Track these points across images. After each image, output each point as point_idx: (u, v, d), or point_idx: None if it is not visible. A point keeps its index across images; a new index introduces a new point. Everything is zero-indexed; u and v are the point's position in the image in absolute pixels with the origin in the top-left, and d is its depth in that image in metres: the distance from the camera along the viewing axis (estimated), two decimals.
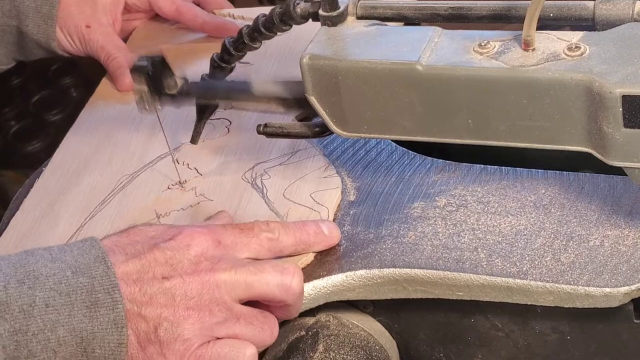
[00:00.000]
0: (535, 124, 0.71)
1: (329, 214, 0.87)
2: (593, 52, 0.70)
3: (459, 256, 0.80)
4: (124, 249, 0.76)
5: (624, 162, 0.70)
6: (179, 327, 0.74)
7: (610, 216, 0.80)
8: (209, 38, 1.17)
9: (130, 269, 0.74)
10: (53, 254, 0.74)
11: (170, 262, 0.75)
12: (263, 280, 0.76)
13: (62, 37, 1.15)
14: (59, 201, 0.97)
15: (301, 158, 0.94)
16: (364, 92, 0.75)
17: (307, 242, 0.82)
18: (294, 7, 0.79)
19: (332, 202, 0.88)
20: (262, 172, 0.94)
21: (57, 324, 0.70)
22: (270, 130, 0.86)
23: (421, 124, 0.76)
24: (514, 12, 0.75)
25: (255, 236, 0.80)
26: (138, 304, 0.73)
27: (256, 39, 0.84)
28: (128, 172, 0.99)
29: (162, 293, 0.74)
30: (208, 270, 0.76)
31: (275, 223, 0.82)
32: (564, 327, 0.81)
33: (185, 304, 0.74)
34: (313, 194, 0.89)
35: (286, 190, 0.91)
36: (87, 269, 0.72)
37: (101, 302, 0.72)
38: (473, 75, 0.71)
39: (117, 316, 0.72)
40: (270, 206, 0.89)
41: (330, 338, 0.83)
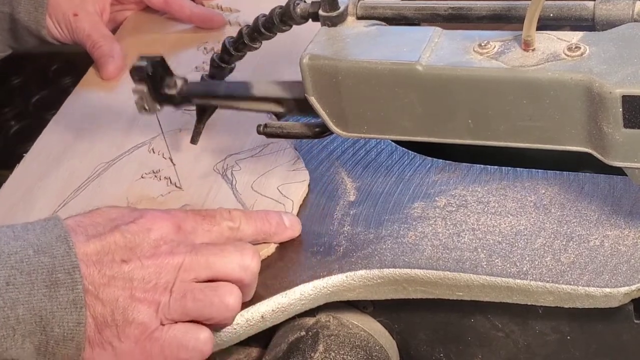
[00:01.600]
0: (535, 124, 0.71)
1: (293, 207, 0.88)
2: (593, 52, 0.69)
3: (459, 256, 0.80)
4: (85, 230, 0.76)
5: (624, 162, 0.70)
6: (135, 311, 0.74)
7: (610, 216, 0.80)
8: (196, 29, 1.19)
9: (91, 250, 0.75)
10: (16, 232, 0.74)
11: (130, 246, 0.76)
12: (225, 259, 0.77)
13: (51, 25, 1.16)
14: (37, 187, 0.98)
15: (272, 150, 0.95)
16: (364, 92, 0.75)
17: (268, 232, 0.83)
18: (294, 7, 0.79)
19: (297, 195, 0.89)
20: (234, 163, 0.95)
21: (16, 302, 0.71)
22: (270, 131, 0.86)
23: (421, 124, 0.76)
24: (514, 12, 0.75)
25: (216, 224, 0.81)
26: (96, 286, 0.74)
27: (256, 39, 0.84)
28: (105, 160, 1.00)
29: (120, 276, 0.74)
30: (167, 253, 0.76)
31: (237, 211, 0.83)
32: (564, 327, 0.81)
33: (143, 287, 0.75)
34: (280, 187, 0.91)
35: (254, 182, 0.92)
36: (48, 247, 0.73)
37: (61, 282, 0.72)
38: (473, 75, 0.71)
39: (76, 296, 0.72)
40: (237, 197, 0.91)
41: (330, 338, 0.83)
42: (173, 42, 1.16)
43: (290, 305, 0.81)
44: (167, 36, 1.18)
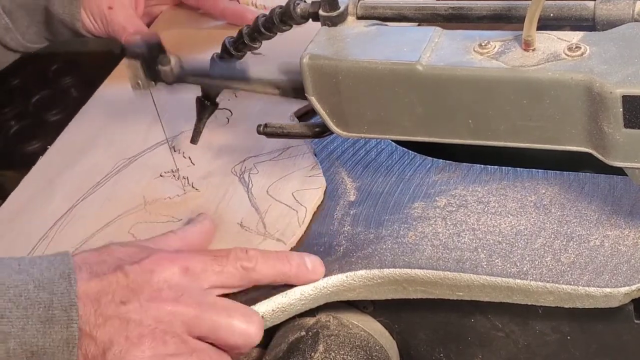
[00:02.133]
0: (536, 124, 0.71)
1: (306, 213, 0.87)
2: (593, 52, 0.69)
3: (459, 256, 0.80)
4: (90, 267, 0.75)
5: (624, 162, 0.70)
6: (129, 354, 0.72)
7: (611, 216, 0.80)
8: (229, 25, 1.19)
9: (91, 289, 0.73)
10: (21, 265, 0.74)
11: (131, 287, 0.74)
12: (230, 326, 0.75)
13: (85, 19, 1.17)
14: (58, 178, 0.99)
15: (292, 155, 0.95)
16: (364, 92, 0.75)
17: (288, 274, 0.80)
18: (294, 7, 0.79)
19: (311, 202, 0.89)
20: (252, 166, 0.95)
21: (9, 335, 0.70)
22: (271, 130, 0.86)
23: (421, 124, 0.76)
24: (514, 12, 0.74)
25: (228, 264, 0.78)
26: (91, 325, 0.72)
27: (256, 39, 0.84)
28: (127, 155, 1.00)
29: (117, 317, 0.73)
30: (171, 300, 0.74)
31: (255, 251, 0.80)
32: (564, 327, 0.81)
33: (140, 331, 0.73)
34: (295, 193, 0.90)
35: (270, 186, 0.91)
36: (50, 284, 0.72)
37: (57, 319, 0.71)
38: (473, 75, 0.71)
39: (69, 335, 0.71)
40: (252, 201, 0.90)
41: (330, 338, 0.83)
42: (205, 38, 1.16)
43: (291, 305, 0.81)
44: (200, 32, 1.19)
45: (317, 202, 0.89)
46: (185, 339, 0.74)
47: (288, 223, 0.87)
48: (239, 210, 0.89)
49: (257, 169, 0.94)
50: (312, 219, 0.88)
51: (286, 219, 0.88)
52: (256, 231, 0.87)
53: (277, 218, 0.88)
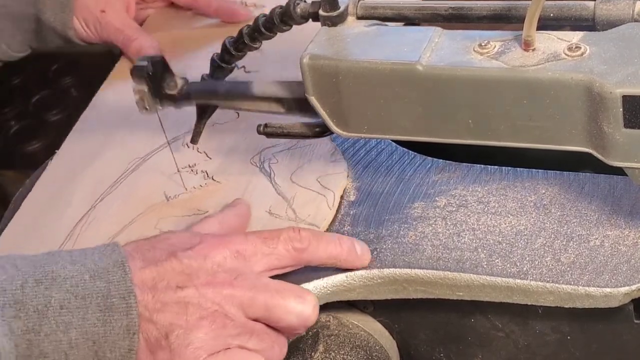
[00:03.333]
0: (536, 124, 0.71)
1: (334, 198, 0.87)
2: (593, 52, 0.69)
3: (459, 256, 0.80)
4: (143, 255, 0.75)
5: (624, 162, 0.70)
6: (191, 335, 0.73)
7: (611, 216, 0.80)
8: (222, 24, 1.19)
9: (146, 276, 0.74)
10: (73, 257, 0.74)
11: (186, 272, 0.75)
12: (285, 307, 0.76)
13: (78, 25, 1.16)
14: (72, 182, 0.99)
15: (308, 143, 0.94)
16: (364, 92, 0.75)
17: (338, 258, 0.80)
18: (294, 7, 0.79)
19: (338, 186, 0.89)
20: (270, 156, 0.94)
21: (70, 326, 0.70)
22: (270, 130, 0.86)
23: (421, 124, 0.76)
24: (514, 12, 0.74)
25: (279, 245, 0.78)
26: (150, 311, 0.73)
27: (256, 39, 0.84)
28: (140, 155, 1.00)
29: (175, 302, 0.73)
30: (226, 284, 0.75)
31: (307, 232, 0.79)
32: (564, 327, 0.81)
33: (199, 313, 0.73)
34: (319, 178, 0.90)
35: (293, 174, 0.91)
36: (105, 273, 0.72)
37: (115, 307, 0.71)
38: (473, 75, 0.71)
39: (130, 322, 0.72)
40: (277, 190, 0.90)
41: (330, 338, 0.83)
42: (199, 37, 1.16)
43: None
44: (193, 32, 1.19)
45: (343, 186, 0.89)
46: (244, 321, 0.75)
47: (318, 208, 0.87)
48: (266, 198, 0.89)
49: (276, 159, 0.94)
50: None
51: (315, 203, 0.87)
52: (287, 217, 0.87)
53: (306, 203, 0.88)
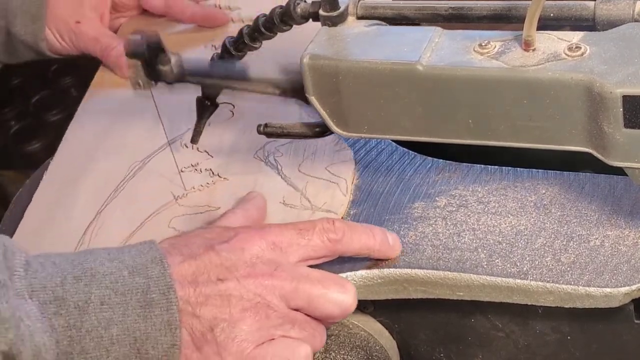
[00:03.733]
0: (536, 124, 0.71)
1: (347, 185, 0.87)
2: (593, 52, 0.69)
3: (460, 256, 0.80)
4: (180, 250, 0.75)
5: (624, 162, 0.70)
6: (236, 328, 0.73)
7: (611, 216, 0.80)
8: (198, 28, 1.17)
9: (186, 271, 0.74)
10: (111, 254, 0.74)
11: (226, 265, 0.75)
12: (326, 297, 0.76)
13: (51, 37, 1.14)
14: (71, 190, 0.97)
15: None
16: (364, 92, 0.75)
17: (372, 249, 0.80)
18: (294, 7, 0.79)
19: (348, 174, 0.89)
20: (274, 150, 0.94)
21: (111, 322, 0.70)
22: (270, 130, 0.86)
23: (421, 124, 0.76)
24: (514, 12, 0.75)
25: (315, 236, 0.78)
26: (193, 305, 0.73)
27: (256, 39, 0.84)
28: (139, 158, 0.99)
29: (218, 295, 0.73)
30: (267, 275, 0.75)
31: (341, 223, 0.79)
32: (564, 327, 0.81)
33: (242, 305, 0.73)
34: (328, 167, 0.90)
35: (301, 165, 0.91)
36: (143, 269, 0.72)
37: (156, 303, 0.71)
38: (473, 75, 0.71)
39: (170, 317, 0.71)
40: (287, 181, 0.90)
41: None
42: (177, 43, 1.14)
43: None
44: (169, 37, 1.16)
45: (353, 173, 0.89)
46: (286, 312, 0.75)
47: (332, 195, 0.87)
48: (277, 191, 0.88)
49: (280, 152, 0.93)
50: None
51: (328, 191, 0.87)
52: (302, 206, 0.87)
53: (319, 192, 0.87)
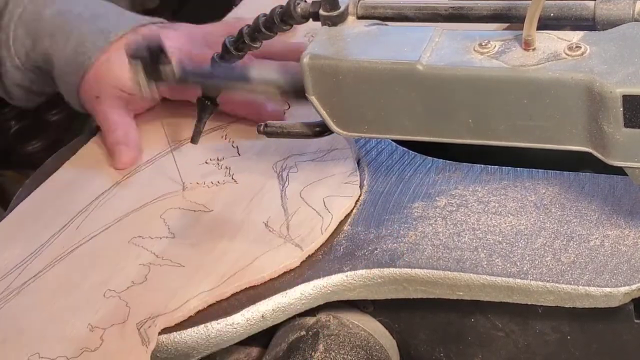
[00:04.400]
0: (536, 123, 0.71)
1: (331, 221, 0.86)
2: (593, 52, 0.69)
3: (460, 256, 0.80)
4: None
5: (624, 162, 0.70)
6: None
7: (611, 216, 0.80)
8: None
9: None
10: None
11: None
12: None
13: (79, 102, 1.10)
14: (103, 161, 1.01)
15: (334, 158, 0.94)
16: (364, 91, 0.75)
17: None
18: (294, 7, 0.79)
19: (339, 210, 0.87)
20: (293, 164, 0.94)
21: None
22: (271, 130, 0.86)
23: (421, 123, 0.76)
24: (514, 12, 0.75)
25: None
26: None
27: (256, 38, 0.84)
28: (179, 139, 1.02)
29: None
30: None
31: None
32: (564, 327, 0.81)
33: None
34: (326, 198, 0.89)
35: (304, 188, 0.91)
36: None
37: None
38: (473, 75, 0.71)
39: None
40: (283, 201, 0.90)
41: (330, 338, 0.83)
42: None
43: (291, 304, 0.81)
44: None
45: (346, 210, 0.88)
46: None
47: (311, 229, 0.86)
48: (268, 209, 0.89)
49: (297, 168, 0.94)
50: None
51: (311, 224, 0.87)
52: (279, 233, 0.87)
53: (302, 222, 0.87)
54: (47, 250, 0.91)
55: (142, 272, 0.86)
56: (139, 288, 0.85)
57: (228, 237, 0.88)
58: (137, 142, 1.02)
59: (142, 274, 0.86)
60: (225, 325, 0.80)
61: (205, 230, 0.89)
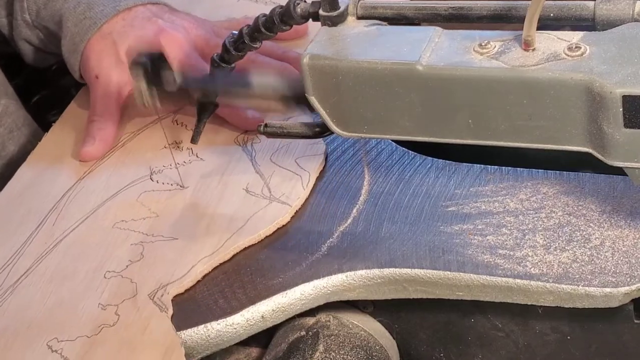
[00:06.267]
0: (536, 123, 0.71)
1: (309, 178, 0.91)
2: (593, 52, 0.69)
3: (460, 256, 0.80)
4: None
5: (624, 162, 0.70)
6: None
7: (611, 216, 0.80)
8: None
9: None
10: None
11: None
12: None
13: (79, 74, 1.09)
14: (65, 155, 1.02)
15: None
16: (364, 92, 0.75)
17: None
18: (294, 7, 0.79)
19: (314, 167, 0.92)
20: (254, 136, 0.98)
21: None
22: (271, 130, 0.86)
23: (421, 123, 0.76)
24: (514, 12, 0.74)
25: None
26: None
27: (256, 38, 0.84)
28: (131, 130, 1.03)
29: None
30: None
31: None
32: (564, 327, 0.81)
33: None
34: (298, 159, 0.93)
35: (273, 154, 0.95)
36: None
37: None
38: (473, 75, 0.71)
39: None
40: (256, 168, 0.94)
41: (330, 338, 0.83)
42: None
43: (291, 305, 0.81)
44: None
45: (320, 167, 0.92)
46: None
47: (293, 187, 0.90)
48: (244, 176, 0.92)
49: (259, 138, 0.97)
50: (312, 218, 0.88)
51: (290, 183, 0.91)
52: (262, 195, 0.90)
53: (282, 182, 0.91)
54: (29, 248, 0.91)
55: (136, 250, 0.88)
56: (138, 265, 0.87)
57: (212, 206, 0.91)
58: (106, 140, 1.02)
59: (137, 252, 0.88)
60: (225, 325, 0.80)
61: (187, 205, 0.92)
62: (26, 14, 1.11)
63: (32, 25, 1.12)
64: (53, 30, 1.10)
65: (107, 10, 1.05)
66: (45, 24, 1.11)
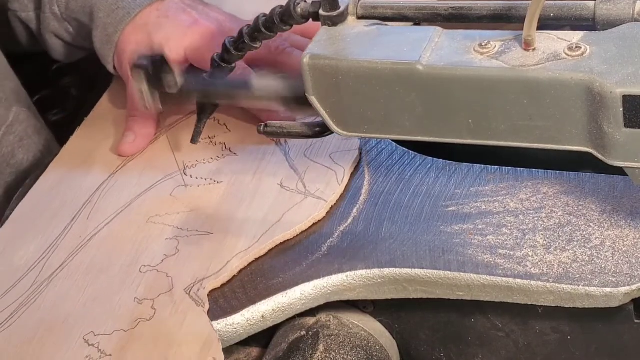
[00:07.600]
0: (536, 123, 0.71)
1: (345, 173, 0.90)
2: (594, 52, 0.69)
3: (460, 256, 0.80)
4: None
5: (624, 162, 0.70)
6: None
7: (611, 216, 0.80)
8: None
9: None
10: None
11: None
12: None
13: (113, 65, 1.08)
14: (96, 150, 1.03)
15: None
16: (364, 92, 0.75)
17: None
18: (294, 7, 0.79)
19: (348, 162, 0.91)
20: None
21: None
22: (271, 130, 0.86)
23: (421, 123, 0.76)
24: (514, 12, 0.74)
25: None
26: None
27: (257, 38, 0.84)
28: (164, 124, 1.04)
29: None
30: None
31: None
32: (565, 327, 0.81)
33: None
34: (332, 155, 0.93)
35: (307, 149, 0.94)
36: None
37: None
38: (473, 75, 0.71)
39: None
40: (290, 163, 0.93)
41: (330, 338, 0.83)
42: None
43: (291, 304, 0.81)
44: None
45: (355, 162, 0.92)
46: None
47: (328, 182, 0.90)
48: (278, 172, 0.92)
49: None
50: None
51: (325, 178, 0.90)
52: (297, 190, 0.90)
53: (316, 178, 0.91)
54: (63, 242, 0.91)
55: (171, 245, 0.88)
56: (174, 259, 0.87)
57: (247, 202, 0.91)
58: (146, 136, 1.03)
59: (172, 246, 0.88)
60: (225, 325, 0.80)
61: (221, 200, 0.92)
62: (55, 6, 1.10)
63: (60, 17, 1.11)
64: (83, 22, 1.09)
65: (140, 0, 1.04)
66: (75, 15, 1.09)
